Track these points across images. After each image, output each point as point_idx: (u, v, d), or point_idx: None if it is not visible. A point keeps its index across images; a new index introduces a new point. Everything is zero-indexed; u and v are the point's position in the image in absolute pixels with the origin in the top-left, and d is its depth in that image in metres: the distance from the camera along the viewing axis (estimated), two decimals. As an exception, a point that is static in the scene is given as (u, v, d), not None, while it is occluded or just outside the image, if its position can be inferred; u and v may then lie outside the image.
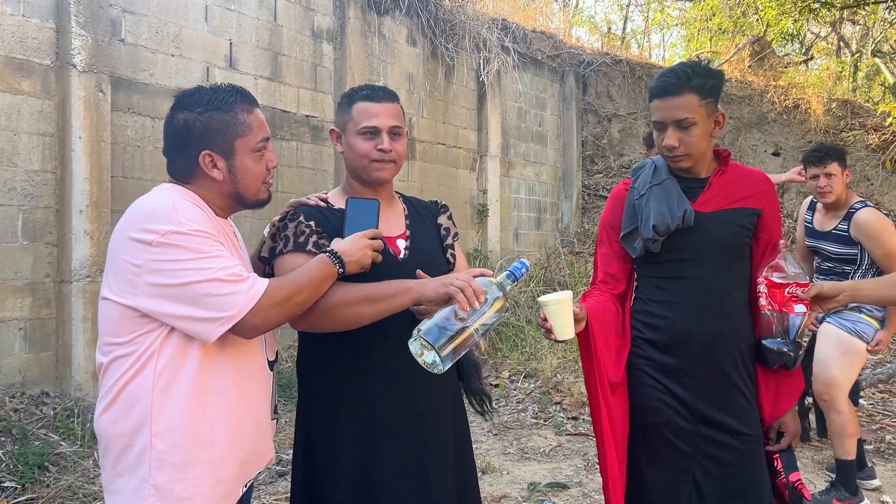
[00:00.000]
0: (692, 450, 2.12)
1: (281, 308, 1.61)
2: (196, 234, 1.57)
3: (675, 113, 2.05)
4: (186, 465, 1.58)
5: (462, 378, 2.09)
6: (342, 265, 1.70)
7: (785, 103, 10.23)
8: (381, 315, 1.75)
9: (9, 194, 4.48)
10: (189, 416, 1.58)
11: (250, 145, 1.73)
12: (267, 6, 6.20)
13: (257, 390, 1.72)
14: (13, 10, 4.52)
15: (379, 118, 1.92)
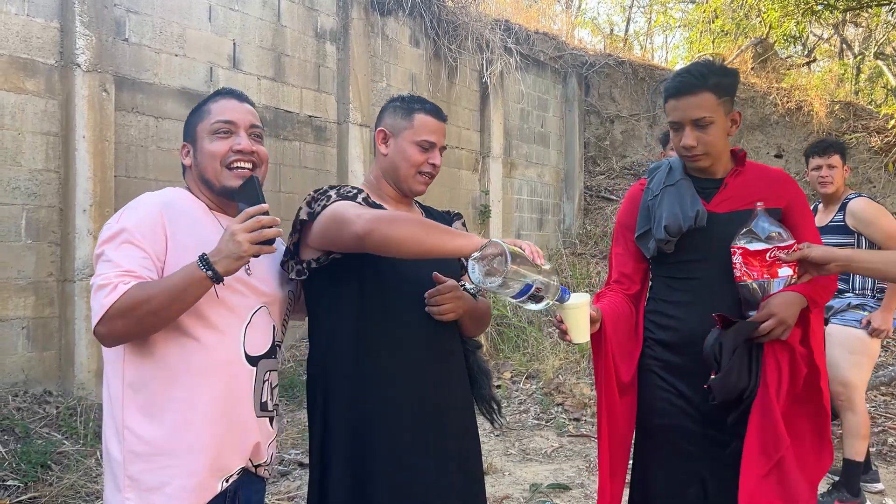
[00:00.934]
0: (699, 451, 2.11)
1: (126, 319, 1.56)
2: (115, 235, 1.65)
3: (693, 112, 2.04)
4: (155, 456, 1.64)
5: (472, 384, 2.08)
6: (208, 266, 1.57)
7: (787, 105, 10.23)
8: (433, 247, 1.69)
9: (13, 193, 4.49)
10: (155, 409, 1.65)
11: (207, 128, 1.79)
12: (270, 6, 6.21)
13: (229, 385, 1.71)
14: (18, 10, 4.53)
15: (438, 135, 2.02)
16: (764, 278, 1.97)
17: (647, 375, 2.20)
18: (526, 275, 1.60)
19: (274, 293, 1.86)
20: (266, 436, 1.81)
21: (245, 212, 1.63)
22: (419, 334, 1.89)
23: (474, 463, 2.02)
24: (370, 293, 1.87)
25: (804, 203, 2.19)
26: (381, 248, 1.72)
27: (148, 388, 1.65)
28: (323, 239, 1.83)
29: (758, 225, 1.98)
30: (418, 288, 1.89)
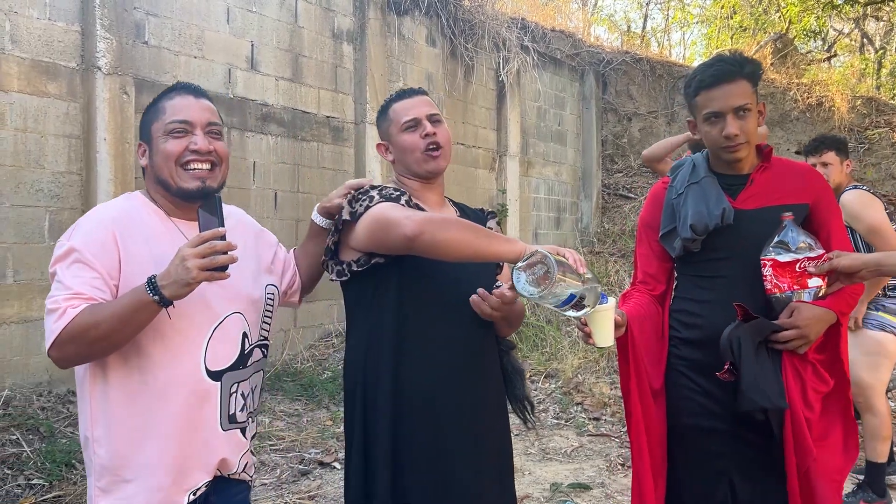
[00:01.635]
0: (729, 451, 2.08)
1: (76, 344, 1.53)
2: (64, 254, 1.61)
3: (734, 100, 2.01)
4: (120, 471, 1.64)
5: (506, 384, 2.08)
6: (155, 290, 1.51)
7: (808, 101, 10.13)
8: (480, 251, 1.71)
9: (36, 195, 4.54)
10: (119, 424, 1.64)
11: (161, 128, 1.72)
12: (288, 8, 6.23)
13: (188, 402, 1.67)
14: (40, 14, 4.58)
15: (416, 108, 2.00)
16: (794, 290, 1.96)
17: (673, 375, 2.18)
18: (570, 285, 1.60)
19: (248, 296, 1.80)
20: (236, 447, 1.77)
21: (199, 235, 1.54)
22: (456, 335, 1.89)
23: (507, 463, 2.03)
24: (409, 294, 1.87)
25: (831, 198, 2.16)
26: (430, 251, 1.72)
27: (109, 406, 1.65)
28: (368, 241, 1.83)
29: (787, 235, 1.96)
30: (456, 288, 1.89)
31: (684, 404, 2.14)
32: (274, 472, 4.14)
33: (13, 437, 3.95)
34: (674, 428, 2.17)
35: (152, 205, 1.74)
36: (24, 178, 4.51)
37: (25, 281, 4.49)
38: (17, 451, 3.85)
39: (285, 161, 6.18)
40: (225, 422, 1.73)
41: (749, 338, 1.97)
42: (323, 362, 6.10)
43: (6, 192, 4.42)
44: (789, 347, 1.99)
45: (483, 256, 1.72)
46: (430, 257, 1.76)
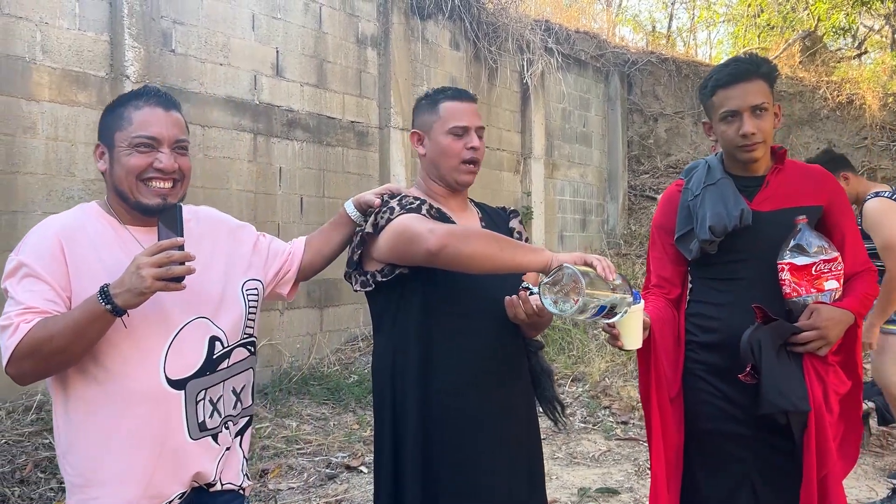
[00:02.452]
0: (750, 455, 2.07)
1: (32, 359, 1.51)
2: (15, 269, 1.59)
3: (751, 98, 2.00)
4: (87, 487, 1.62)
5: (535, 385, 2.08)
6: (108, 299, 1.47)
7: (838, 99, 9.97)
8: (504, 263, 1.69)
9: (67, 203, 4.62)
10: (83, 438, 1.62)
11: (126, 139, 1.64)
12: (312, 14, 6.28)
13: (149, 413, 1.62)
14: (70, 25, 4.66)
15: (468, 117, 1.96)
16: (811, 293, 1.97)
17: (690, 379, 2.17)
18: (599, 296, 1.57)
19: (217, 298, 1.74)
20: (211, 455, 1.71)
21: (157, 244, 1.51)
22: (483, 339, 1.89)
23: (537, 467, 2.03)
24: (434, 300, 1.87)
25: (844, 200, 2.16)
26: (453, 265, 1.71)
27: (73, 421, 1.63)
28: (390, 253, 1.82)
29: (802, 238, 1.98)
30: (482, 292, 1.89)
31: (703, 409, 2.13)
32: (301, 476, 4.15)
33: (45, 441, 4.01)
34: (692, 433, 2.15)
35: (106, 214, 1.70)
36: (55, 185, 4.59)
37: (57, 287, 4.56)
38: (50, 455, 3.90)
39: (311, 166, 6.22)
40: (194, 430, 1.68)
41: (769, 340, 1.96)
42: (349, 366, 6.12)
43: (38, 200, 4.50)
44: (809, 349, 1.97)
45: (508, 268, 1.70)
46: (454, 269, 1.75)
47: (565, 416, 2.19)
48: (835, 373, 2.03)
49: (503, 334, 1.91)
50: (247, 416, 1.84)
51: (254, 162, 5.75)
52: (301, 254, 2.00)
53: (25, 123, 4.45)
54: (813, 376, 1.98)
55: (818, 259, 1.96)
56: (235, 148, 5.60)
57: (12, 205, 4.39)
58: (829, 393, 1.99)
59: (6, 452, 3.87)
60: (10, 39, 4.39)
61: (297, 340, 5.98)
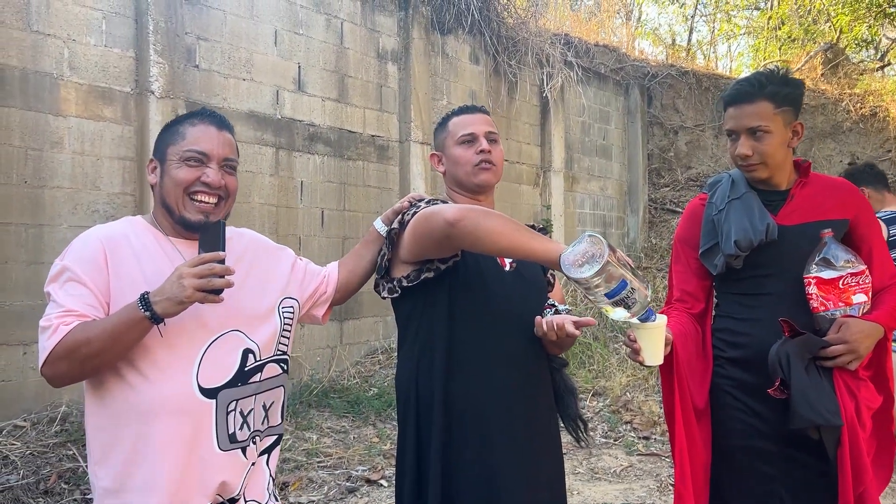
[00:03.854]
0: (778, 473, 2.03)
1: (68, 362, 1.53)
2: (58, 273, 1.62)
3: (747, 121, 2.01)
4: (119, 492, 1.62)
5: (558, 403, 2.07)
6: (147, 306, 1.52)
7: (861, 111, 9.87)
8: (520, 245, 1.67)
9: (92, 216, 4.68)
10: (114, 444, 1.63)
11: (178, 153, 1.70)
12: (334, 29, 6.34)
13: (181, 422, 1.63)
14: (96, 41, 4.74)
15: (475, 125, 2.03)
16: (839, 307, 1.95)
17: (719, 395, 2.14)
18: (622, 271, 1.54)
19: (251, 312, 1.76)
20: (238, 468, 1.72)
21: (199, 256, 1.57)
22: (507, 350, 1.89)
23: (559, 482, 2.02)
24: (459, 309, 1.88)
25: (871, 213, 2.14)
26: (469, 238, 1.69)
27: (103, 428, 1.64)
28: (412, 240, 1.83)
29: (829, 252, 1.96)
30: (507, 304, 1.90)
31: (732, 425, 2.10)
32: (321, 489, 4.15)
33: (69, 453, 4.05)
34: (721, 449, 2.12)
35: (151, 226, 1.74)
36: (80, 199, 4.65)
37: (82, 299, 4.61)
38: (74, 466, 3.94)
39: (332, 180, 6.26)
40: (224, 441, 1.69)
41: (798, 354, 1.93)
42: (369, 379, 6.12)
43: (64, 214, 4.57)
44: (839, 363, 1.95)
45: (522, 251, 1.67)
46: (468, 247, 1.75)
47: (588, 434, 2.18)
48: (866, 387, 2.00)
49: (528, 346, 1.91)
50: (275, 436, 1.85)
51: (275, 176, 5.80)
52: (336, 275, 2.04)
53: (53, 138, 4.53)
54: (844, 391, 1.95)
55: (845, 272, 1.94)
56: (258, 162, 5.65)
57: (39, 218, 4.46)
58: (861, 408, 1.96)
59: (31, 463, 3.91)
60: (38, 56, 4.48)
61: (317, 353, 6.00)
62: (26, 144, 4.41)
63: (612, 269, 1.52)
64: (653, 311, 1.70)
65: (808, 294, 1.99)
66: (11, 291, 4.32)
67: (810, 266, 1.98)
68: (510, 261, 1.98)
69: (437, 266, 1.86)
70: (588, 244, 1.55)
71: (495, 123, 2.11)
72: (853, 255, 1.98)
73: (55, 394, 4.43)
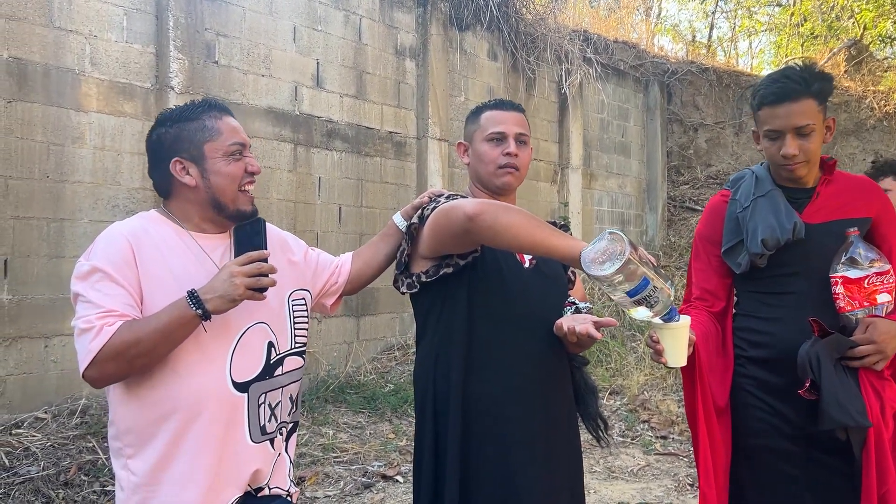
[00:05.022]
0: (801, 473, 2.00)
1: (116, 362, 1.52)
2: (89, 273, 1.59)
3: (796, 120, 1.95)
4: (152, 486, 1.62)
5: (579, 402, 2.05)
6: (199, 304, 1.54)
7: (885, 109, 9.74)
8: (541, 241, 1.64)
9: (112, 211, 4.72)
10: (150, 440, 1.63)
11: (221, 148, 1.71)
12: (352, 26, 6.34)
13: (215, 416, 1.64)
14: (117, 38, 4.77)
15: (507, 125, 2.00)
16: (864, 306, 1.93)
17: (739, 394, 2.11)
18: (644, 270, 1.52)
19: (272, 306, 1.78)
20: (267, 458, 1.75)
21: (248, 255, 1.61)
22: (526, 348, 1.88)
23: (578, 482, 2.00)
24: (478, 306, 1.86)
25: (892, 211, 2.11)
26: (488, 233, 1.68)
27: (136, 423, 1.64)
28: (431, 234, 1.82)
29: (855, 251, 1.94)
30: (526, 301, 1.88)
31: (754, 425, 2.07)
32: (337, 485, 4.16)
33: (89, 445, 4.09)
34: (742, 449, 2.09)
35: (168, 220, 1.73)
36: (101, 194, 4.69)
37: (102, 293, 4.65)
38: (93, 459, 3.98)
39: (349, 176, 6.27)
40: (256, 434, 1.71)
41: (827, 354, 1.91)
42: (386, 375, 6.13)
43: (84, 208, 4.61)
44: (866, 364, 1.92)
45: (542, 247, 1.65)
46: (488, 242, 1.73)
47: (608, 433, 2.16)
48: (890, 387, 1.98)
49: (547, 344, 1.89)
50: (294, 422, 1.87)
51: (293, 171, 5.82)
52: (349, 266, 2.04)
53: (74, 134, 4.57)
54: (870, 391, 1.93)
55: (871, 272, 1.92)
56: (276, 158, 5.67)
57: (60, 212, 4.50)
58: (885, 408, 1.93)
59: (51, 455, 3.95)
60: (60, 52, 4.52)
61: (333, 349, 6.02)
62: (48, 139, 4.45)
63: (633, 266, 1.50)
64: (676, 310, 1.67)
65: (834, 294, 1.96)
66: (33, 285, 4.37)
67: (836, 265, 1.96)
68: (530, 258, 1.96)
69: (456, 262, 1.85)
70: (609, 241, 1.53)
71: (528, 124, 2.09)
72: (878, 254, 1.96)
73: (75, 387, 4.48)
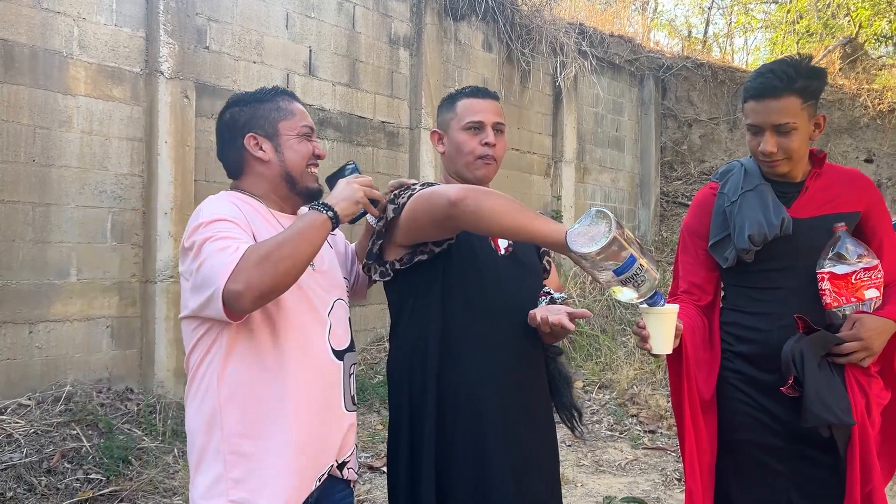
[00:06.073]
0: (786, 468, 1.99)
1: (261, 267, 1.48)
2: (213, 221, 1.59)
3: (775, 117, 1.91)
4: (256, 456, 1.60)
5: (553, 392, 2.03)
6: (328, 208, 1.62)
7: (879, 107, 9.74)
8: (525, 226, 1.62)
9: (99, 197, 4.67)
10: (251, 407, 1.61)
11: (295, 128, 1.79)
12: (346, 13, 6.28)
13: (318, 379, 1.68)
14: (107, 20, 4.71)
15: (484, 113, 1.95)
16: (851, 302, 1.91)
17: (725, 389, 2.09)
18: (630, 248, 1.49)
19: (342, 285, 1.87)
20: (351, 430, 1.80)
21: (355, 175, 1.77)
22: (503, 339, 1.85)
23: (554, 474, 1.98)
24: (453, 295, 1.84)
25: (882, 204, 2.09)
26: (471, 218, 1.65)
27: (242, 391, 1.61)
28: (410, 220, 1.77)
29: (842, 247, 1.92)
30: (501, 289, 1.85)
31: (740, 420, 2.05)
32: (324, 475, 4.14)
33: (73, 433, 4.05)
34: (727, 443, 2.08)
35: (249, 198, 1.76)
36: (88, 179, 4.63)
37: (88, 279, 4.61)
38: (77, 446, 3.94)
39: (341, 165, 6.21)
40: (348, 402, 1.78)
41: (812, 351, 1.89)
42: (375, 366, 6.11)
43: (71, 193, 4.55)
44: (852, 360, 1.91)
45: (526, 232, 1.62)
46: (471, 228, 1.70)
47: (582, 423, 2.14)
48: (877, 383, 1.97)
49: (522, 333, 1.86)
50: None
51: (284, 160, 5.76)
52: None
53: (61, 117, 4.51)
54: (856, 388, 1.91)
55: (858, 267, 1.90)
56: (266, 146, 5.62)
57: (47, 197, 4.44)
58: (871, 405, 1.92)
59: (34, 442, 3.91)
60: (48, 34, 4.45)
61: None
62: (34, 123, 4.39)
63: (619, 244, 1.47)
64: (661, 295, 1.65)
65: (821, 290, 1.94)
66: (18, 270, 4.32)
67: (823, 261, 1.94)
68: (505, 245, 1.94)
69: (431, 249, 1.82)
70: (595, 219, 1.50)
71: (504, 112, 2.05)
72: (866, 249, 1.94)
73: (60, 373, 4.44)
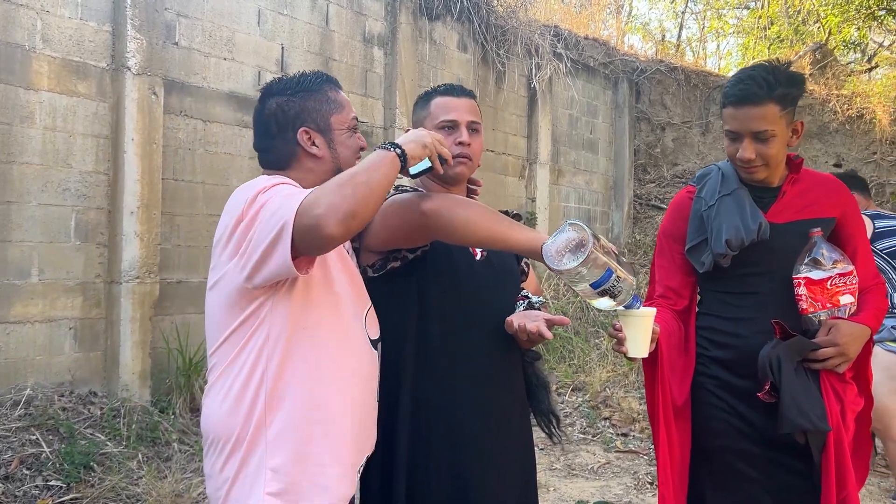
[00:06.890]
0: (761, 475, 1.98)
1: (342, 191, 1.43)
2: (274, 185, 1.55)
3: (754, 124, 1.90)
4: (304, 444, 1.54)
5: (530, 397, 2.00)
6: (396, 146, 1.58)
7: (848, 113, 9.87)
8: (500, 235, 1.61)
9: (63, 195, 4.54)
10: (302, 395, 1.55)
11: (346, 122, 1.77)
12: (319, 11, 6.20)
13: (362, 368, 1.66)
14: (71, 14, 4.58)
15: (458, 112, 1.91)
16: (826, 308, 1.91)
17: (702, 394, 2.08)
18: (607, 260, 1.47)
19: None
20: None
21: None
22: (479, 345, 1.82)
23: (531, 475, 1.96)
24: (428, 301, 1.80)
25: (857, 211, 2.10)
26: (445, 228, 1.62)
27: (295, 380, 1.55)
28: (382, 228, 1.73)
29: (818, 252, 1.92)
30: (477, 295, 1.83)
31: (713, 425, 2.04)
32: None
33: (33, 438, 3.93)
34: (702, 449, 2.07)
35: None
36: (51, 177, 4.50)
37: (51, 280, 4.48)
38: (37, 452, 3.82)
39: (313, 165, 6.14)
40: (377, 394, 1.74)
41: (788, 356, 1.87)
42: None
43: (33, 191, 4.42)
44: (828, 366, 1.90)
45: (501, 241, 1.60)
46: (444, 238, 1.67)
47: (560, 429, 2.12)
48: (851, 390, 1.96)
49: (499, 339, 1.84)
50: None
51: (254, 158, 5.64)
52: None
53: (23, 113, 4.37)
54: (831, 394, 1.91)
55: (834, 273, 1.90)
56: (237, 144, 5.51)
57: (7, 195, 4.31)
58: (846, 411, 1.92)
59: (-9, 448, 3.78)
60: (10, 27, 4.32)
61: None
62: (-5, 118, 4.26)
63: (596, 258, 1.44)
64: (638, 297, 1.63)
65: (797, 295, 1.94)
66: (-24, 270, 4.18)
67: (800, 266, 1.93)
68: (481, 250, 1.90)
69: (404, 255, 1.78)
70: (571, 233, 1.47)
71: (480, 112, 2.01)
72: (841, 254, 1.94)
73: (20, 376, 4.31)
